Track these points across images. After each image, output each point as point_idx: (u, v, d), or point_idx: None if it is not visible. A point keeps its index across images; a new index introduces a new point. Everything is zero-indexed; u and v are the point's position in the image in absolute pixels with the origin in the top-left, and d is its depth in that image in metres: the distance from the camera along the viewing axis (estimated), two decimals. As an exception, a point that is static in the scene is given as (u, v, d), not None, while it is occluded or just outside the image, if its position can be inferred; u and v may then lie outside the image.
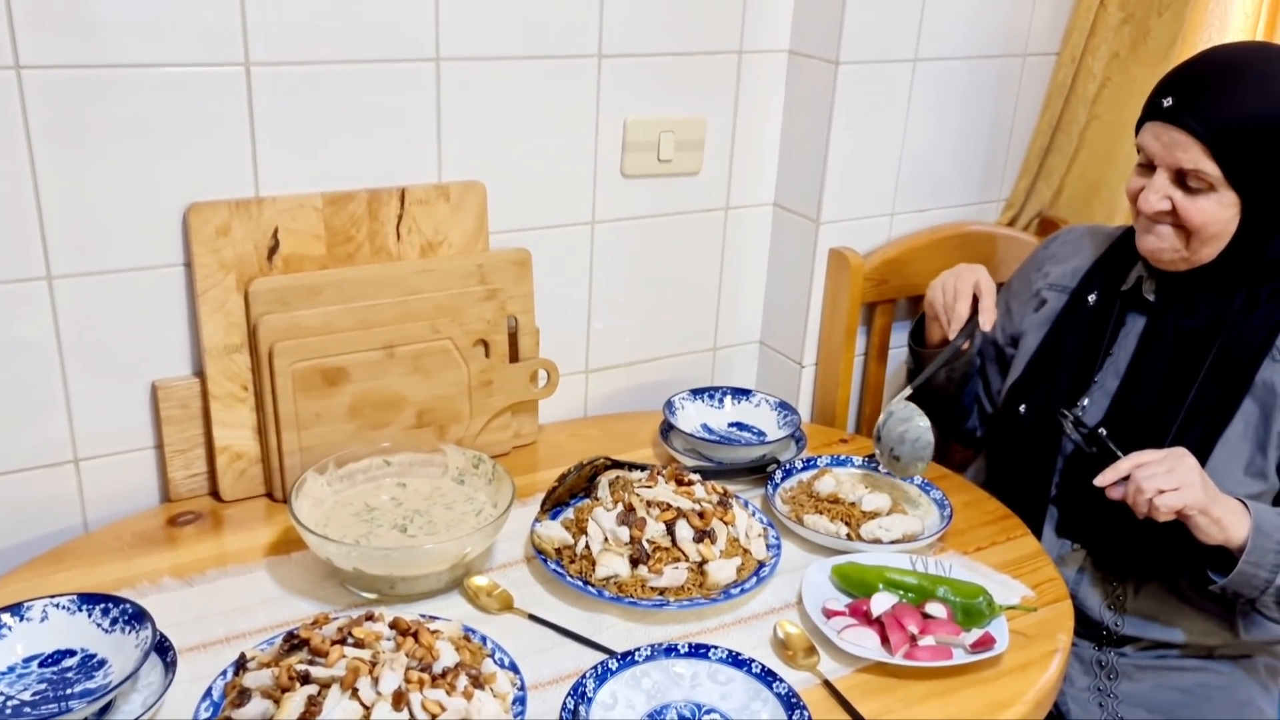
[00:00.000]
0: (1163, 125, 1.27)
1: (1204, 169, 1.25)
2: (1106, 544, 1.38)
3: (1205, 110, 1.24)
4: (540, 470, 1.53)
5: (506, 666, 1.09)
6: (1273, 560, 1.22)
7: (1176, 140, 1.26)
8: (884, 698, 1.11)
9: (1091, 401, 1.40)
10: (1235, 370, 1.31)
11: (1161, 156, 1.28)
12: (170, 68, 1.29)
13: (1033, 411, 1.44)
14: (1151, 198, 1.29)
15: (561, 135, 1.57)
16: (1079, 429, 1.37)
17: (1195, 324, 1.34)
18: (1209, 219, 1.27)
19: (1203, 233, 1.28)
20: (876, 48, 1.64)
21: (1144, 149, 1.31)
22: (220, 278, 1.37)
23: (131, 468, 1.41)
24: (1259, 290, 1.32)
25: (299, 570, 1.28)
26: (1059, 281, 1.50)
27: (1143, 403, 1.36)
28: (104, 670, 1.07)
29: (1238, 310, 1.32)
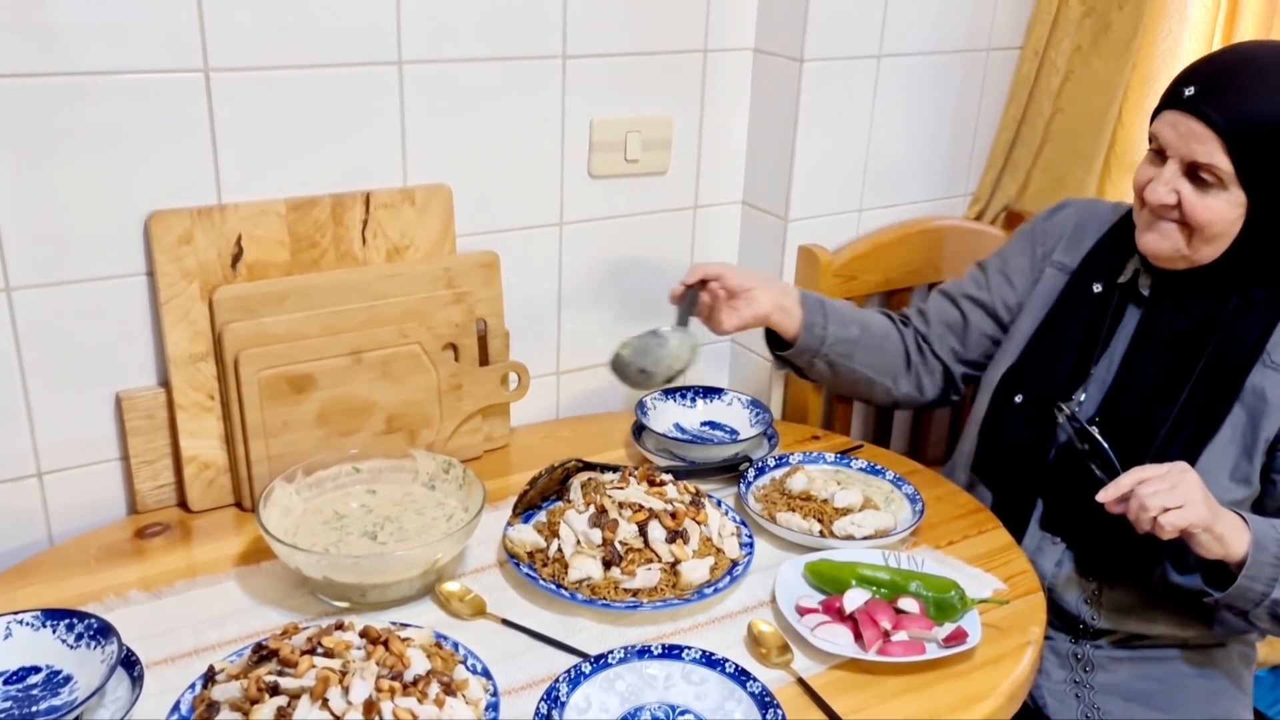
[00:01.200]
0: (1181, 114, 1.24)
1: (1217, 164, 1.22)
2: (1088, 540, 1.38)
3: (1226, 103, 1.21)
4: (513, 473, 1.53)
5: (479, 672, 1.08)
6: (1269, 574, 1.20)
7: (1194, 131, 1.23)
8: (858, 694, 1.11)
9: (1088, 395, 1.39)
10: (1227, 375, 1.30)
11: (1176, 146, 1.25)
12: (128, 74, 1.27)
13: (1029, 401, 1.41)
14: (1160, 189, 1.26)
15: (527, 137, 1.56)
16: (1073, 423, 1.36)
17: (1188, 324, 1.33)
18: (1215, 218, 1.25)
19: (1206, 231, 1.26)
20: (841, 44, 1.64)
21: (1158, 137, 1.27)
22: (184, 286, 1.35)
23: (97, 480, 1.39)
24: (1253, 294, 1.30)
25: (269, 580, 1.27)
26: (1060, 259, 1.47)
27: (1134, 400, 1.35)
28: (70, 686, 1.05)
29: (1231, 313, 1.30)
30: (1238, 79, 1.23)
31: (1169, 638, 1.40)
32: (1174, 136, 1.25)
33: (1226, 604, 1.25)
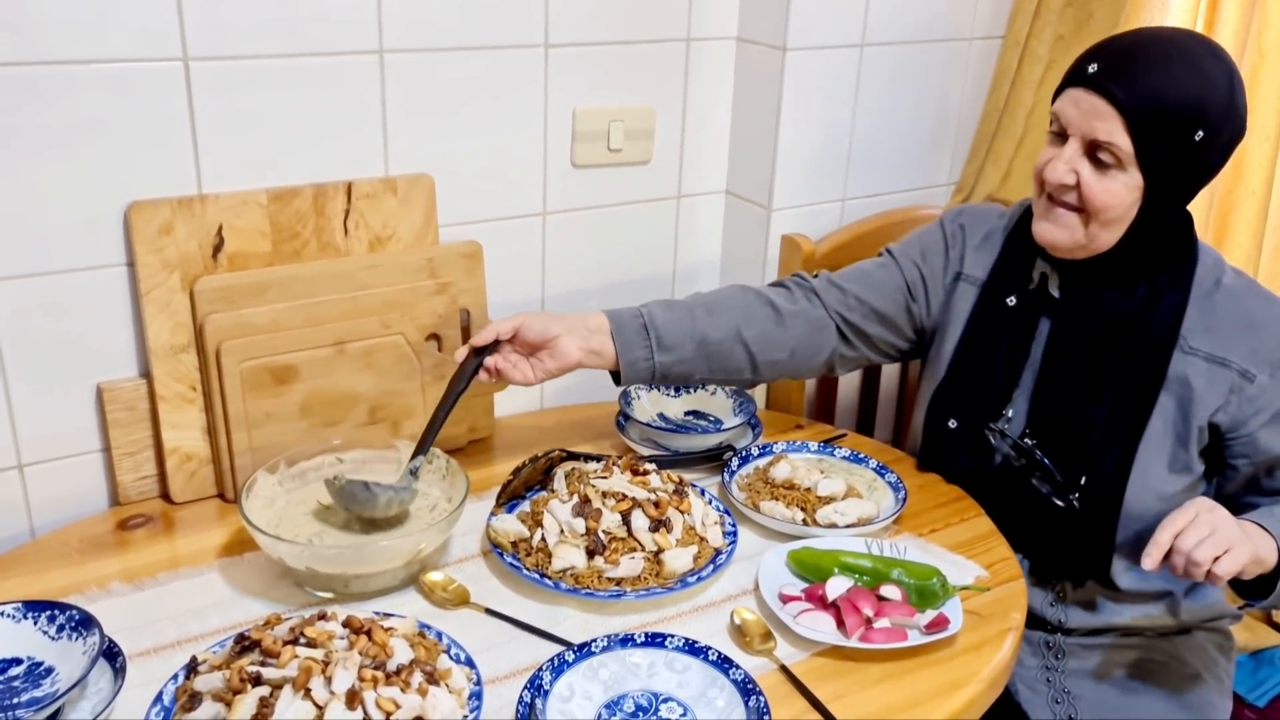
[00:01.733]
0: (1084, 91, 1.23)
1: (1117, 142, 1.21)
2: (1043, 550, 1.39)
3: (1130, 81, 1.21)
4: (497, 464, 1.53)
5: (462, 662, 1.08)
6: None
7: (1096, 108, 1.22)
8: (840, 680, 1.12)
9: (1014, 408, 1.39)
10: (1147, 366, 1.30)
11: (1077, 124, 1.24)
12: (106, 64, 1.26)
13: (963, 427, 1.41)
14: (1059, 168, 1.24)
15: (510, 126, 1.56)
16: (1005, 440, 1.37)
17: (1100, 322, 1.32)
18: (1113, 200, 1.24)
19: (1103, 215, 1.25)
20: (823, 33, 1.64)
21: (1060, 116, 1.26)
22: (164, 277, 1.34)
23: (78, 472, 1.39)
24: (1159, 281, 1.30)
25: (252, 571, 1.27)
26: (969, 271, 1.45)
27: (1061, 407, 1.34)
28: (51, 678, 1.05)
29: (1140, 305, 1.30)
30: (1142, 58, 1.22)
31: (1134, 629, 1.41)
32: (1076, 114, 1.24)
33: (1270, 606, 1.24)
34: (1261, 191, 1.87)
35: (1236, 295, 1.32)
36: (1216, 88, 1.21)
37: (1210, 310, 1.31)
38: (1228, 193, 1.90)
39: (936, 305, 1.48)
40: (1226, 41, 1.78)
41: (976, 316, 1.43)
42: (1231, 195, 1.90)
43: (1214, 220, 1.91)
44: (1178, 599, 1.40)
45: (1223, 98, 1.21)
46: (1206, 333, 1.30)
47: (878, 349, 1.52)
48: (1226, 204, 1.91)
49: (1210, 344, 1.30)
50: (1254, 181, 1.86)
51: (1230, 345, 1.30)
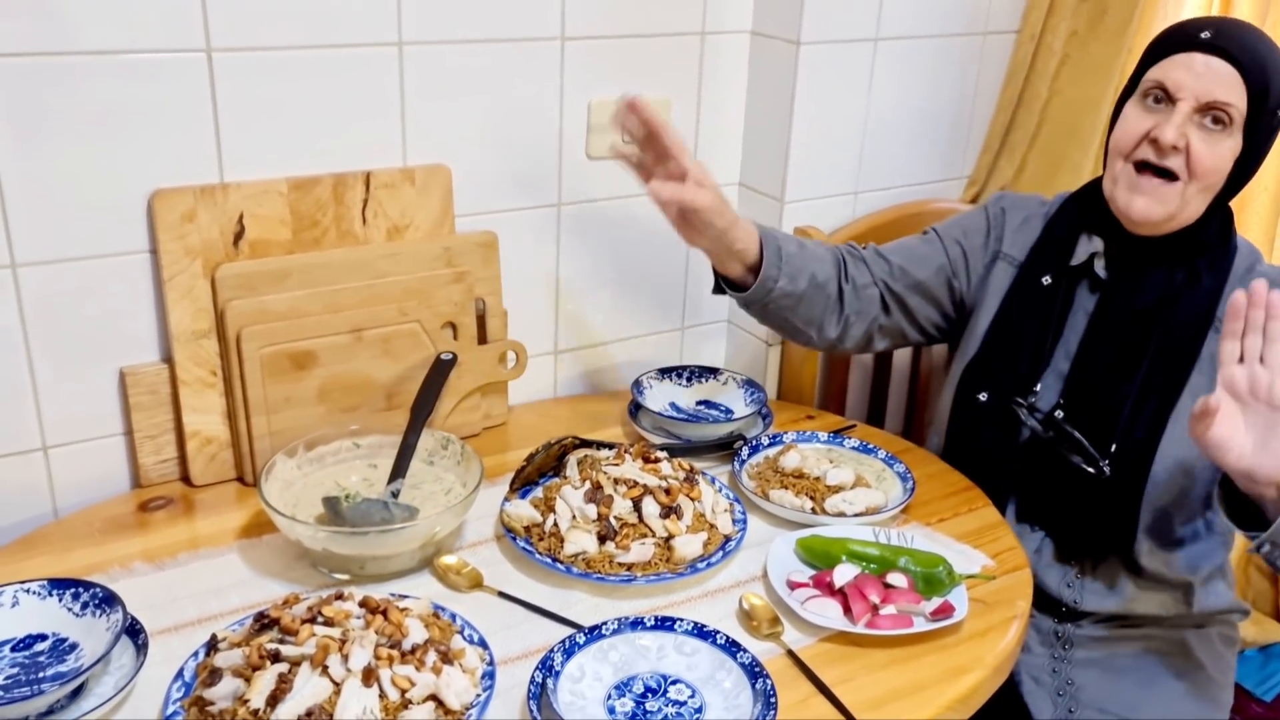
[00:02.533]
0: (1200, 55, 1.25)
1: (1235, 103, 1.24)
2: (1065, 526, 1.40)
3: (1248, 46, 1.25)
4: (510, 450, 1.55)
5: (475, 642, 1.10)
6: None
7: (1215, 70, 1.24)
8: (846, 665, 1.14)
9: (1045, 385, 1.40)
10: (1182, 345, 1.33)
11: (1192, 87, 1.25)
12: (131, 54, 1.29)
13: (993, 400, 1.42)
14: (1171, 131, 1.25)
15: (526, 118, 1.58)
16: (1034, 414, 1.38)
17: (1145, 303, 1.34)
18: (1219, 164, 1.26)
19: (1205, 180, 1.27)
20: (837, 27, 1.65)
21: (1166, 82, 1.27)
22: (186, 264, 1.37)
23: (101, 454, 1.42)
24: (1198, 264, 1.33)
25: (270, 552, 1.29)
26: (1009, 252, 1.48)
27: (1095, 383, 1.36)
28: (76, 654, 1.08)
29: (1180, 286, 1.33)
30: (1248, 29, 1.28)
31: (1150, 619, 1.42)
32: (1190, 78, 1.25)
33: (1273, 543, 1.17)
34: (1274, 188, 1.87)
35: (1268, 274, 1.34)
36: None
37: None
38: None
39: (975, 282, 1.50)
40: (1241, 37, 1.78)
41: (1012, 295, 1.45)
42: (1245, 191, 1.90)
43: (1227, 216, 1.91)
44: (1193, 589, 1.40)
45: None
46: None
47: (916, 323, 1.53)
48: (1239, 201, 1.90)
49: None
50: (1266, 178, 1.86)
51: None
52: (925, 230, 1.57)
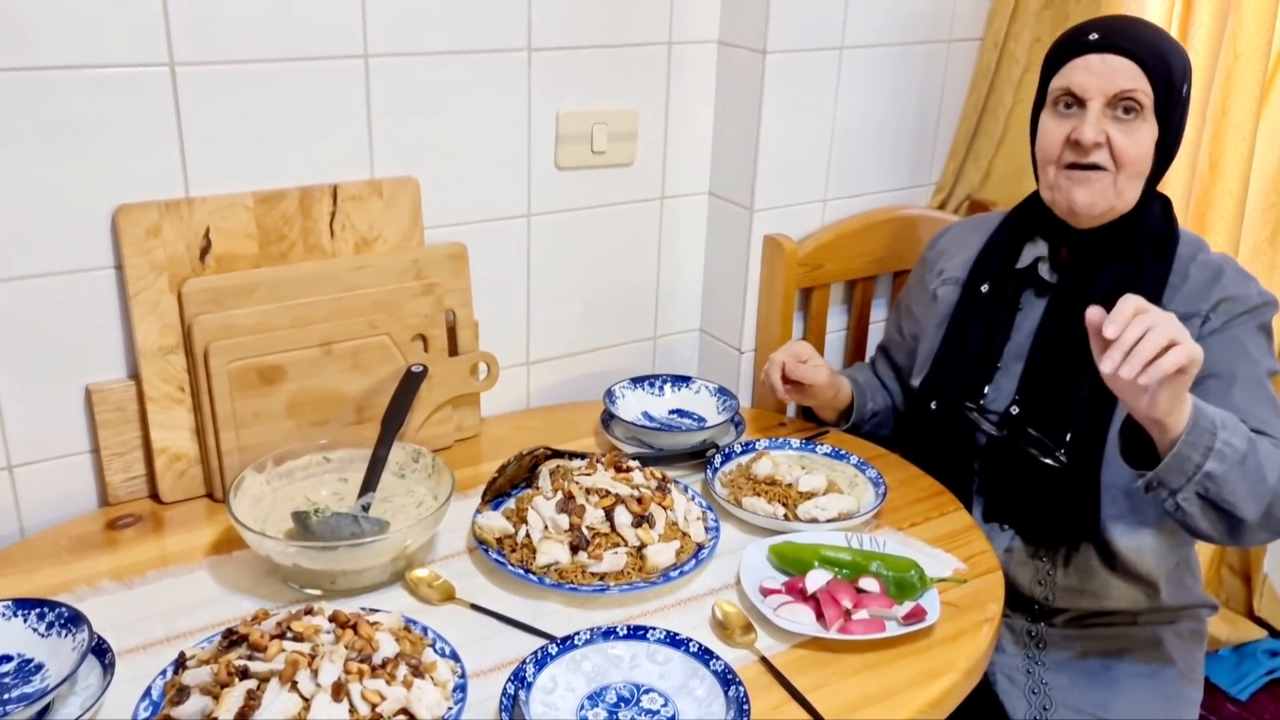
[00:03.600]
0: (1096, 55, 1.31)
1: (1141, 89, 1.30)
2: (1033, 522, 1.41)
3: (1135, 37, 1.31)
4: (483, 462, 1.54)
5: (447, 655, 1.10)
6: (1205, 443, 1.18)
7: (1115, 66, 1.30)
8: (819, 671, 1.14)
9: (997, 387, 1.44)
10: None
11: (1097, 85, 1.31)
12: (93, 69, 1.28)
13: (943, 406, 1.47)
14: (1089, 130, 1.31)
15: (494, 129, 1.58)
16: (986, 416, 1.41)
17: (1093, 298, 1.33)
18: (1141, 150, 1.32)
19: (1133, 166, 1.32)
20: (803, 36, 1.66)
21: (1072, 87, 1.33)
22: (152, 279, 1.36)
23: (68, 472, 1.40)
24: (1142, 257, 1.37)
25: (240, 569, 1.28)
26: (950, 275, 1.54)
27: (1049, 380, 1.40)
28: (41, 674, 1.06)
29: (1126, 280, 1.36)
30: (1135, 25, 1.35)
31: (1121, 615, 1.43)
32: (1092, 77, 1.32)
33: (1159, 482, 1.21)
34: (1238, 191, 1.89)
35: (1211, 262, 1.38)
36: (1183, 49, 1.35)
37: (1187, 277, 1.37)
38: (1205, 193, 1.92)
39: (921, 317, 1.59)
40: (1201, 43, 1.80)
41: (957, 309, 1.51)
42: (1209, 195, 1.92)
43: (1191, 219, 1.93)
44: (1161, 583, 1.42)
45: (1187, 60, 1.34)
46: (1182, 296, 1.36)
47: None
48: (1204, 204, 1.93)
49: (1185, 303, 1.35)
50: (1230, 182, 1.89)
51: (1199, 300, 1.35)
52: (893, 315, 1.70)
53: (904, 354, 1.65)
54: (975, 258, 1.51)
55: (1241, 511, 1.21)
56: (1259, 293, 1.35)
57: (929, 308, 1.56)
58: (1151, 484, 1.22)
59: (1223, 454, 1.19)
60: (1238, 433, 1.21)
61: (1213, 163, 1.90)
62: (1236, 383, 1.30)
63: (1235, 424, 1.22)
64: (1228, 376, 1.31)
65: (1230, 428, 1.20)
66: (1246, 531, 1.24)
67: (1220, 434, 1.19)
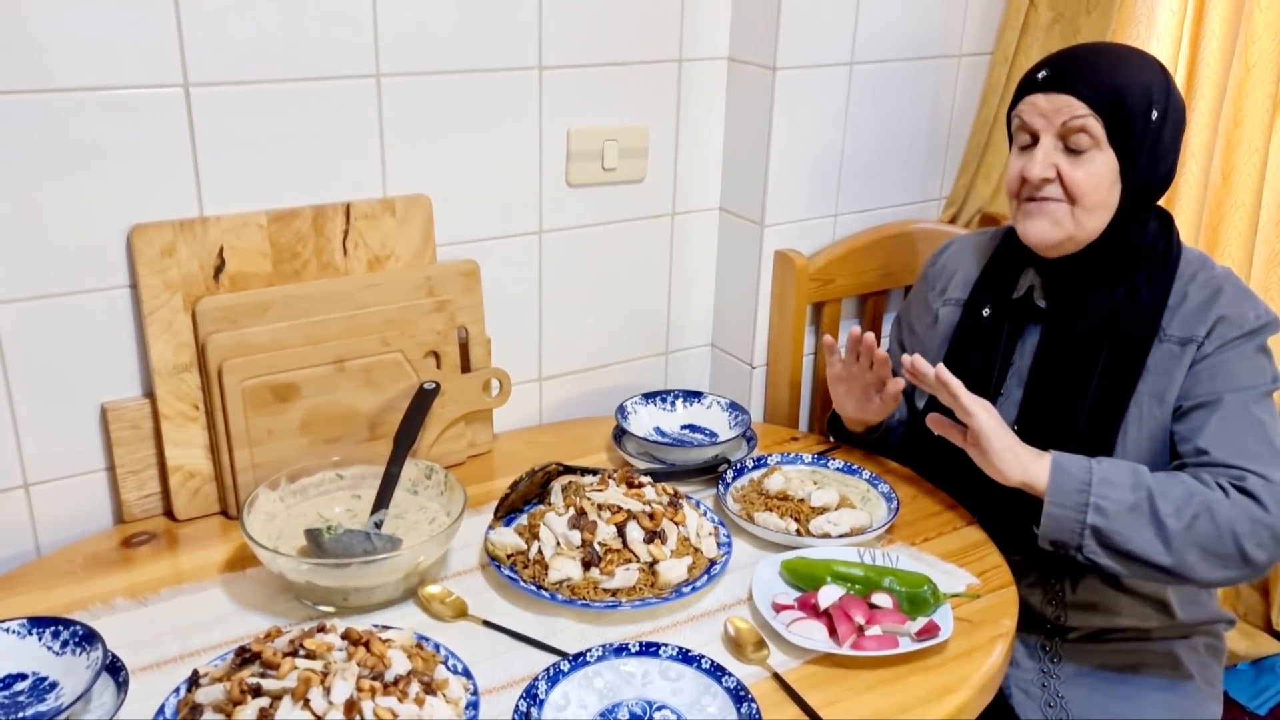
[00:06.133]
0: (1043, 94, 1.32)
1: (1089, 124, 1.30)
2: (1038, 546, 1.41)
3: (1081, 75, 1.31)
4: (496, 478, 1.55)
5: (459, 672, 1.10)
6: (1077, 500, 1.24)
7: (1060, 102, 1.31)
8: (832, 687, 1.13)
9: (1000, 412, 1.42)
10: (1128, 359, 1.35)
11: (1045, 124, 1.32)
12: (109, 90, 1.29)
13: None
14: (1036, 166, 1.32)
15: (505, 147, 1.59)
16: None
17: (1087, 323, 1.37)
18: (1095, 182, 1.31)
19: (1088, 198, 1.32)
20: (813, 52, 1.67)
21: (1024, 125, 1.35)
22: (167, 298, 1.37)
23: (83, 490, 1.41)
24: (1138, 277, 1.36)
25: (254, 586, 1.29)
26: (951, 295, 1.54)
27: (1049, 405, 1.39)
28: (56, 693, 1.07)
29: (1122, 302, 1.36)
30: (1085, 59, 1.34)
31: (1135, 631, 1.42)
32: (1040, 114, 1.33)
33: (1058, 543, 1.27)
34: (1251, 203, 1.89)
35: (1211, 280, 1.36)
36: (1154, 72, 1.32)
37: (1185, 298, 1.35)
38: (1217, 205, 1.92)
39: (923, 336, 1.58)
40: (1212, 55, 1.81)
41: (958, 331, 1.50)
42: (1221, 207, 1.92)
43: (1205, 232, 1.93)
44: (1172, 600, 1.41)
45: (1162, 82, 1.32)
46: (1180, 318, 1.35)
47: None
48: (1216, 215, 1.93)
49: (1182, 327, 1.34)
50: (1243, 193, 1.88)
51: (1196, 322, 1.34)
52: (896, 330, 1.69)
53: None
54: (977, 280, 1.51)
55: (1152, 559, 1.24)
56: (1257, 315, 1.32)
57: (931, 328, 1.56)
58: (1052, 545, 1.29)
59: (1101, 508, 1.24)
60: (1124, 485, 1.25)
61: (1225, 175, 1.90)
62: (1219, 410, 1.30)
63: (1125, 476, 1.25)
64: (1211, 405, 1.31)
65: (1115, 481, 1.25)
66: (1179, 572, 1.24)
67: (1096, 489, 1.24)
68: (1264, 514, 1.23)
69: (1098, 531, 1.24)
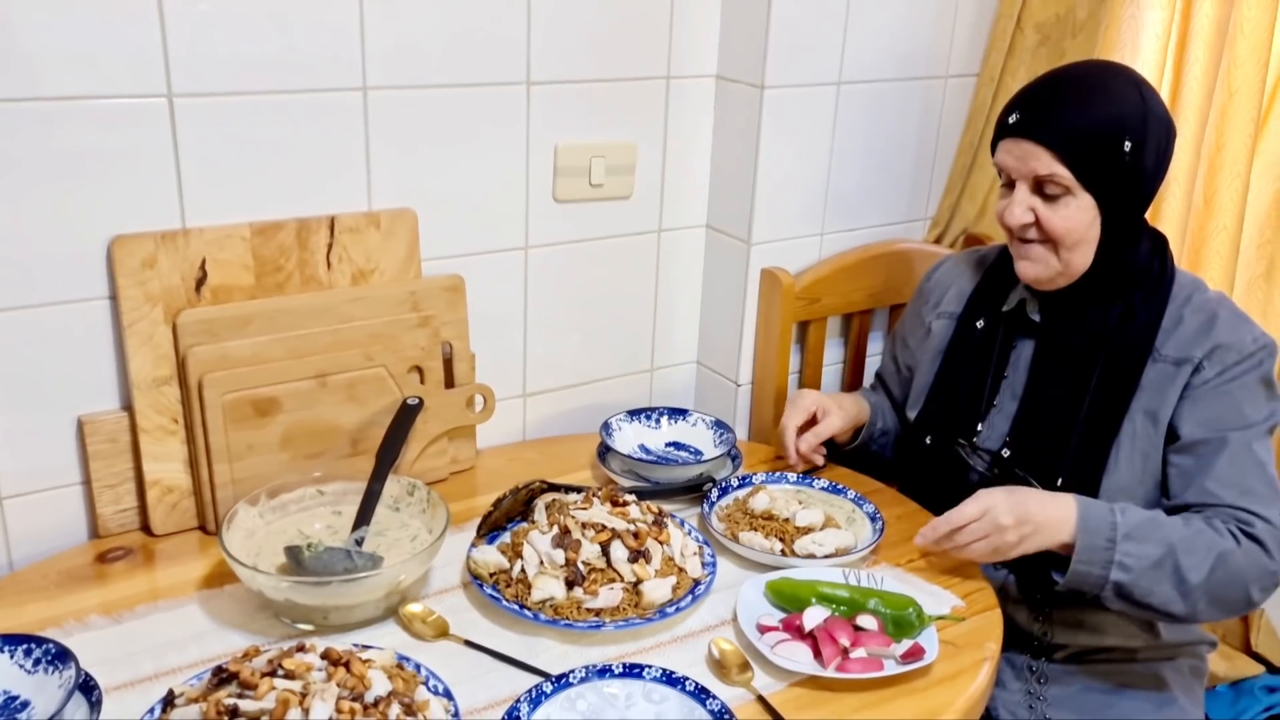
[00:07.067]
0: (1013, 140, 1.33)
1: (1057, 173, 1.30)
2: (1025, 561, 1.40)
3: (1048, 121, 1.30)
4: (479, 495, 1.53)
5: (440, 693, 1.08)
6: (1103, 558, 1.26)
7: (1027, 151, 1.31)
8: (817, 710, 1.13)
9: (991, 425, 1.44)
10: (1121, 377, 1.36)
11: (1017, 169, 1.33)
12: (91, 100, 1.28)
13: (937, 443, 1.48)
14: (1015, 210, 1.34)
15: (492, 161, 1.58)
16: (979, 455, 1.42)
17: (1082, 339, 1.38)
18: (1071, 225, 1.32)
19: (1067, 240, 1.33)
20: (801, 72, 1.67)
21: (1001, 167, 1.36)
22: (147, 310, 1.35)
23: (58, 504, 1.39)
24: (1133, 297, 1.37)
25: (232, 603, 1.27)
26: (945, 309, 1.55)
27: (1042, 421, 1.40)
28: (27, 712, 1.05)
29: (1117, 321, 1.37)
30: (1054, 97, 1.32)
31: (1120, 650, 1.42)
32: (1012, 161, 1.34)
33: (1074, 589, 1.29)
34: (1233, 227, 1.90)
35: (1206, 304, 1.37)
36: (1126, 101, 1.30)
37: (1181, 321, 1.36)
38: (1200, 228, 1.93)
39: (916, 349, 1.59)
40: (1195, 80, 1.82)
41: (951, 344, 1.51)
42: (1203, 231, 1.93)
43: (1187, 255, 1.93)
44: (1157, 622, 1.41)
45: (1136, 108, 1.30)
46: (1175, 340, 1.35)
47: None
48: (1199, 239, 1.94)
49: (1177, 348, 1.35)
50: (1225, 217, 1.89)
51: (1193, 345, 1.34)
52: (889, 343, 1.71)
53: (898, 385, 1.65)
54: (971, 293, 1.52)
55: (1168, 609, 1.27)
56: (1254, 340, 1.33)
57: (924, 341, 1.57)
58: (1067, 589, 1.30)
59: (1125, 565, 1.25)
60: (1149, 539, 1.26)
61: (1207, 199, 1.91)
62: (1225, 450, 1.31)
63: (1149, 530, 1.26)
64: (1217, 442, 1.31)
65: (1138, 537, 1.26)
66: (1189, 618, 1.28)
67: (1121, 546, 1.25)
68: (1270, 562, 1.26)
69: (1117, 586, 1.26)
